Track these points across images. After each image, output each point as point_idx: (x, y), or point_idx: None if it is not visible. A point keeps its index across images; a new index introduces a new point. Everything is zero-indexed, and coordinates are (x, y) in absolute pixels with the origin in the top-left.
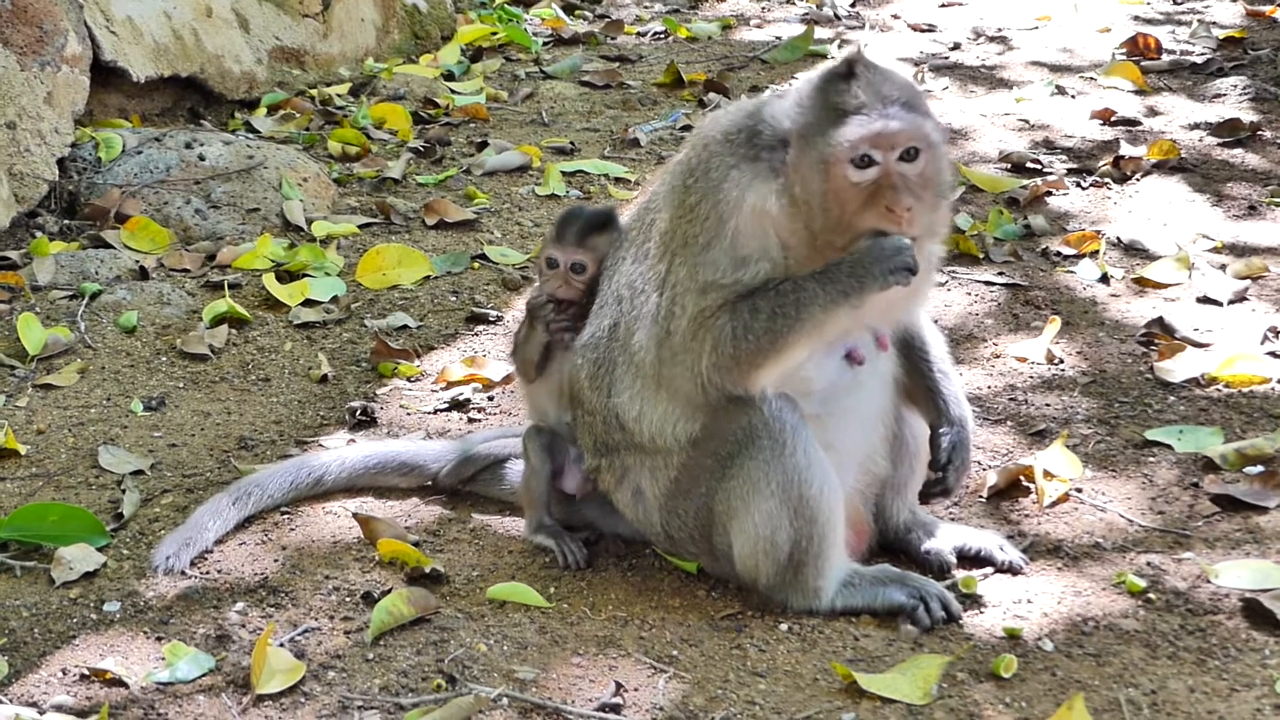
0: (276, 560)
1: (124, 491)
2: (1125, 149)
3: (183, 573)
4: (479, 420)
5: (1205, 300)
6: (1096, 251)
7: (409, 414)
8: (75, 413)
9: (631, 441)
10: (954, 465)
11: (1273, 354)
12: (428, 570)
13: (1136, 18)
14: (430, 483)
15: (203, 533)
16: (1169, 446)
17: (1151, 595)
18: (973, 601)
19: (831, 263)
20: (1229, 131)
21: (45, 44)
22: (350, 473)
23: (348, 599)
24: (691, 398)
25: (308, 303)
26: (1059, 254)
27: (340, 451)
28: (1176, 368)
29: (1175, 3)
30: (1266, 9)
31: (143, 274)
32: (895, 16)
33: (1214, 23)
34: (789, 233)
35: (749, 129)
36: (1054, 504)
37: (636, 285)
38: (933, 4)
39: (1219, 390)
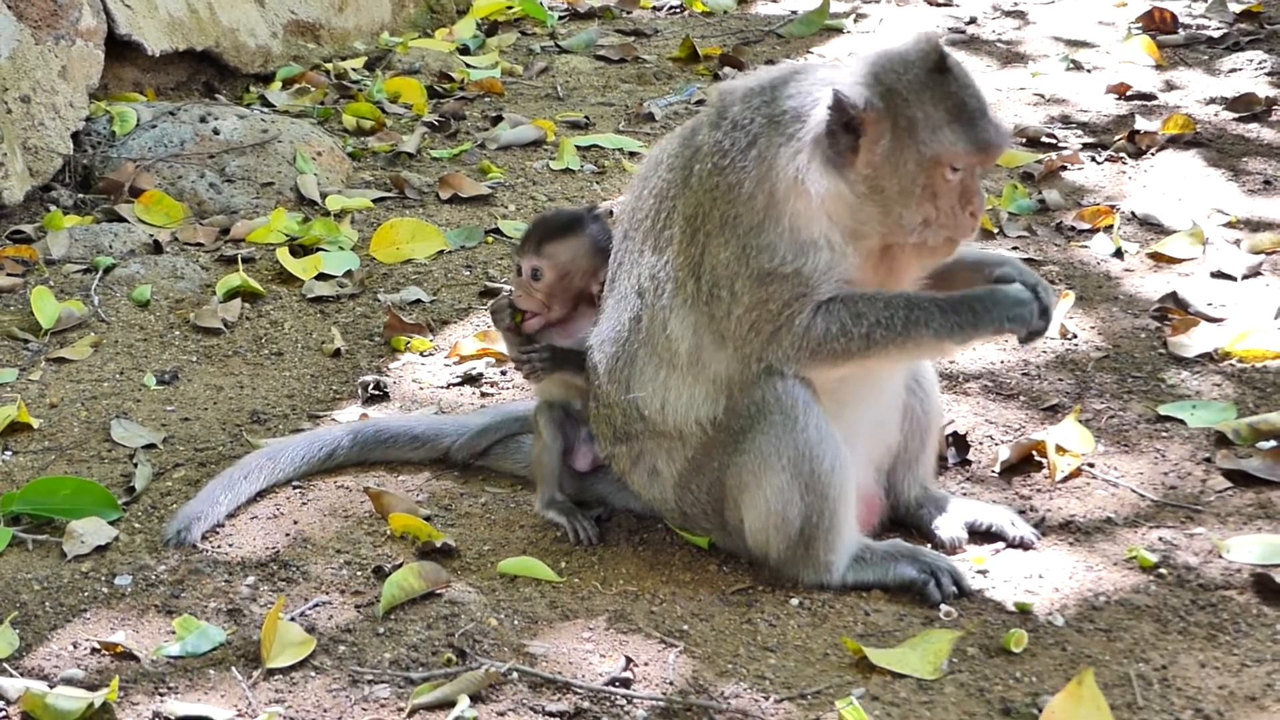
0: (288, 534)
1: (136, 465)
2: (1140, 123)
3: (194, 546)
4: (491, 394)
5: (1219, 275)
6: (1111, 226)
7: (421, 388)
8: (88, 386)
9: (651, 430)
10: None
11: None
12: (439, 545)
13: None
14: (443, 456)
15: (214, 506)
16: (1182, 421)
17: (1163, 570)
18: (983, 576)
19: (955, 293)
20: (1245, 106)
21: (60, 18)
22: (363, 446)
23: (359, 573)
24: (725, 380)
25: (321, 277)
26: (1073, 229)
27: (353, 425)
28: (1190, 343)
29: None
30: None
31: (156, 248)
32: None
33: None
34: (859, 219)
35: (795, 111)
36: (1066, 479)
37: (660, 276)
38: None
39: (1232, 365)
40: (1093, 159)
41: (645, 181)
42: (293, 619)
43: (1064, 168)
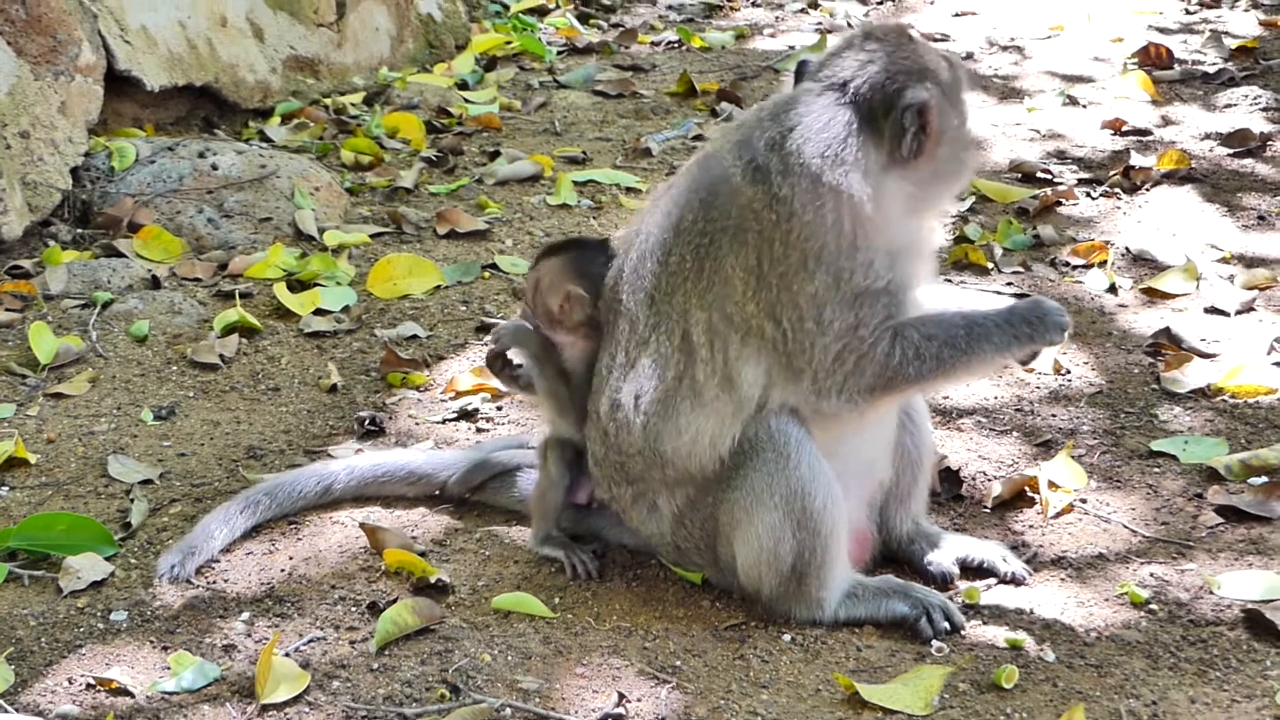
0: (283, 570)
1: (133, 501)
2: (1136, 159)
3: (188, 581)
4: (487, 430)
5: (1213, 311)
6: (1105, 262)
7: (418, 423)
8: (85, 422)
9: (667, 475)
10: None
11: (1279, 365)
12: (433, 580)
13: (1150, 27)
14: (438, 492)
15: (209, 541)
16: (1174, 457)
17: (1154, 606)
18: (975, 612)
19: (999, 308)
20: (1240, 142)
21: (59, 53)
22: (359, 481)
23: (353, 609)
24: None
25: (318, 312)
26: (1068, 264)
27: (349, 460)
28: (1183, 378)
29: (1189, 12)
30: None
31: (154, 283)
32: (909, 26)
33: (1226, 32)
34: (924, 207)
35: (834, 136)
36: (1058, 515)
37: (719, 329)
38: (946, 13)
39: (1225, 401)
40: (1088, 194)
41: (665, 249)
42: (287, 654)
43: (1059, 203)
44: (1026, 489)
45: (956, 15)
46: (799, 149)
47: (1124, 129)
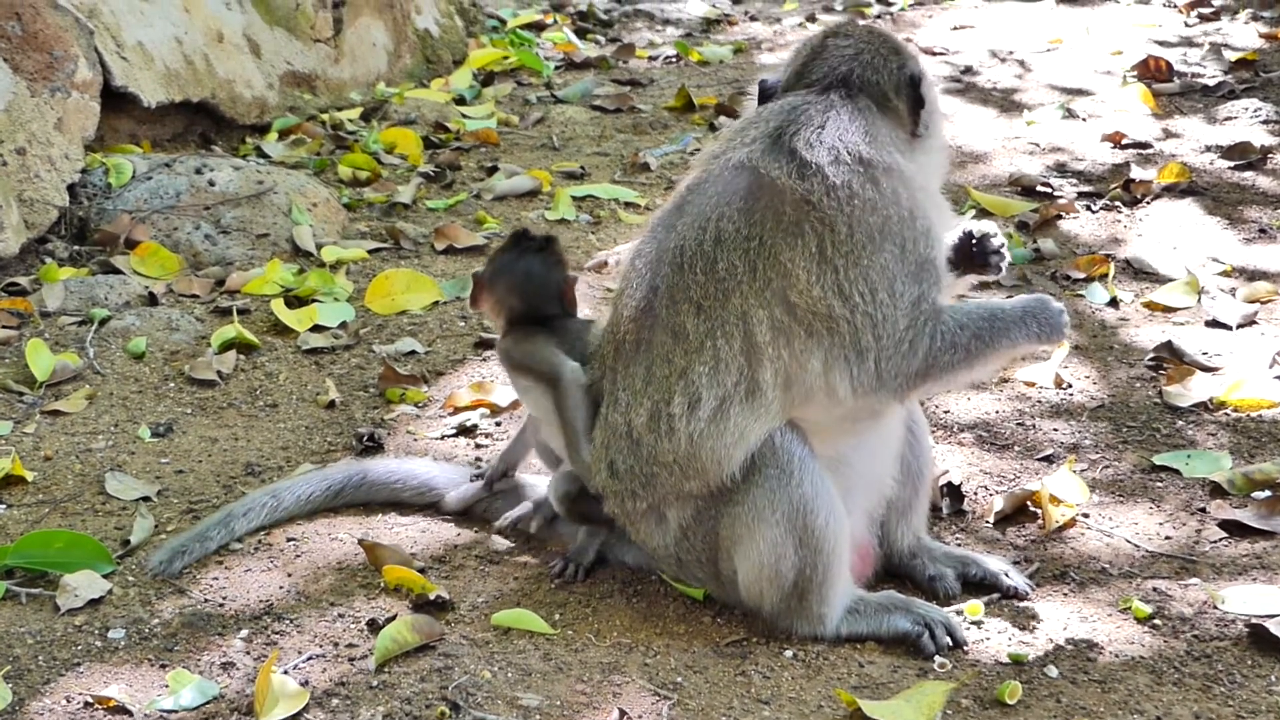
0: (281, 587)
1: (137, 517)
2: (1136, 172)
3: (177, 587)
4: (486, 446)
5: (1214, 324)
6: (1106, 275)
7: (416, 440)
8: (83, 439)
9: (691, 486)
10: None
11: None
12: (433, 597)
13: (1150, 40)
14: (439, 504)
15: (204, 543)
16: (1176, 471)
17: (1157, 621)
18: (978, 628)
19: (1003, 302)
20: (1240, 154)
21: (56, 70)
22: (370, 487)
23: (352, 626)
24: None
25: (316, 328)
26: (1068, 278)
27: (364, 463)
28: (1185, 392)
29: (1188, 25)
30: None
31: (152, 300)
32: (908, 40)
33: (1226, 45)
34: (941, 176)
35: (865, 122)
36: (1060, 529)
37: (782, 322)
38: (945, 27)
39: (1227, 415)
40: (1088, 208)
41: (709, 259)
42: (286, 672)
43: (1059, 216)
44: (1028, 503)
45: (955, 29)
46: (839, 140)
47: (1124, 142)
